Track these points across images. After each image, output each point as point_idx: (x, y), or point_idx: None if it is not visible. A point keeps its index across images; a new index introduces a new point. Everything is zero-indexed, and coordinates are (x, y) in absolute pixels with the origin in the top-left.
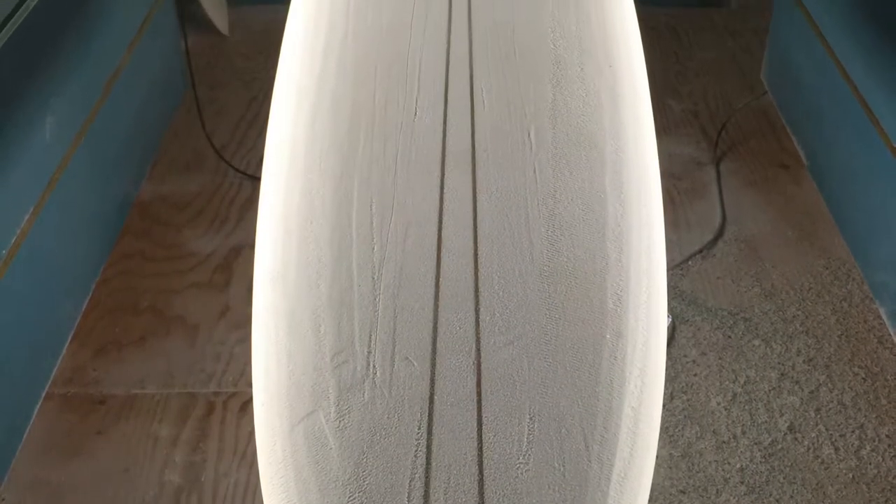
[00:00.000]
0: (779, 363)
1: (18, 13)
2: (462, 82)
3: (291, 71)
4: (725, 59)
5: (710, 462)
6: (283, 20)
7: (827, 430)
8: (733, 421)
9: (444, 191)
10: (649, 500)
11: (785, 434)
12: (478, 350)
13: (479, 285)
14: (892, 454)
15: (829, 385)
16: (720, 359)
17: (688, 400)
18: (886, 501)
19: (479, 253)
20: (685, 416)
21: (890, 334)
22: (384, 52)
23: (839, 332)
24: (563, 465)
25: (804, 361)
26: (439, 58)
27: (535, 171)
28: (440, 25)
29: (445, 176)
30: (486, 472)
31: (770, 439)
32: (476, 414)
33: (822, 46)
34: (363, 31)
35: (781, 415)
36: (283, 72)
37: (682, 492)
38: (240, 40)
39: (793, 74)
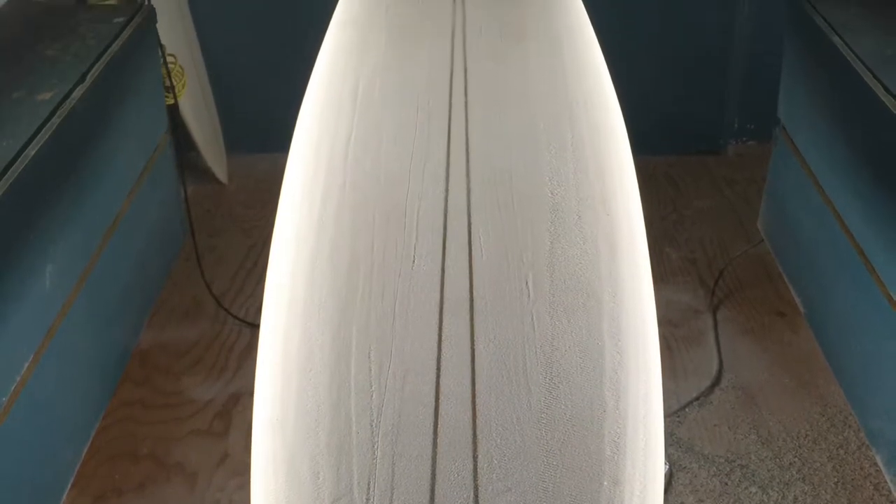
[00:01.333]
0: None
1: (18, 161)
2: (460, 230)
3: (290, 218)
4: (722, 207)
5: None
6: (282, 169)
7: None
8: None
9: (442, 338)
10: None
11: None
12: (476, 497)
13: (477, 432)
14: None
15: None
16: None
17: None
18: None
19: (478, 400)
20: None
21: (886, 481)
22: (382, 200)
23: (836, 479)
24: None
25: None
26: (437, 206)
27: (532, 319)
28: (438, 174)
29: (443, 323)
30: None
31: None
32: None
33: (818, 196)
34: (361, 179)
35: None
36: (281, 219)
37: None
38: (239, 188)
39: (790, 223)
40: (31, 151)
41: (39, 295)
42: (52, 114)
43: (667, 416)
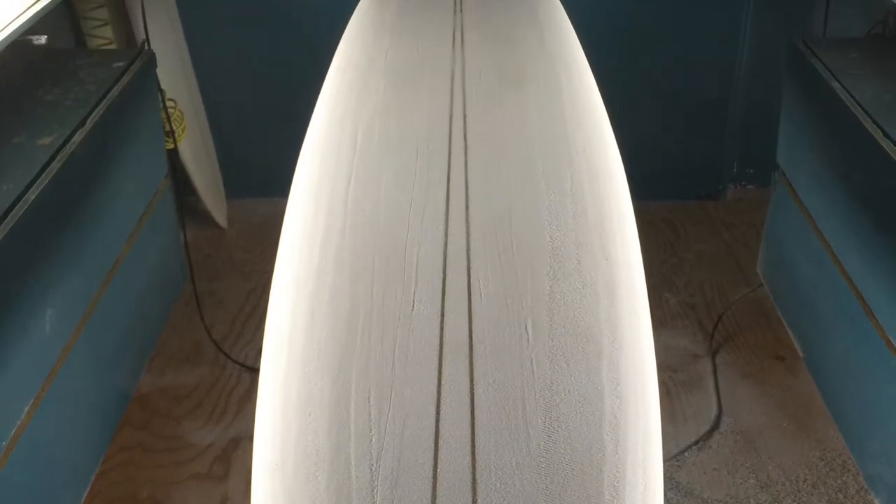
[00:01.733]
0: None
1: (18, 206)
2: (460, 274)
3: (290, 263)
4: (721, 251)
5: None
6: (281, 213)
7: None
8: None
9: (442, 382)
10: None
11: None
12: None
13: (477, 476)
14: None
15: None
16: None
17: None
18: None
19: (477, 444)
20: None
21: None
22: (382, 244)
23: None
24: None
25: None
26: (437, 250)
27: (532, 363)
28: (438, 218)
29: (443, 367)
30: None
31: None
32: None
33: (817, 240)
34: (361, 223)
35: None
36: (281, 264)
37: None
38: (238, 233)
39: (788, 267)
40: (31, 196)
41: (39, 339)
42: (52, 158)
43: (666, 460)
